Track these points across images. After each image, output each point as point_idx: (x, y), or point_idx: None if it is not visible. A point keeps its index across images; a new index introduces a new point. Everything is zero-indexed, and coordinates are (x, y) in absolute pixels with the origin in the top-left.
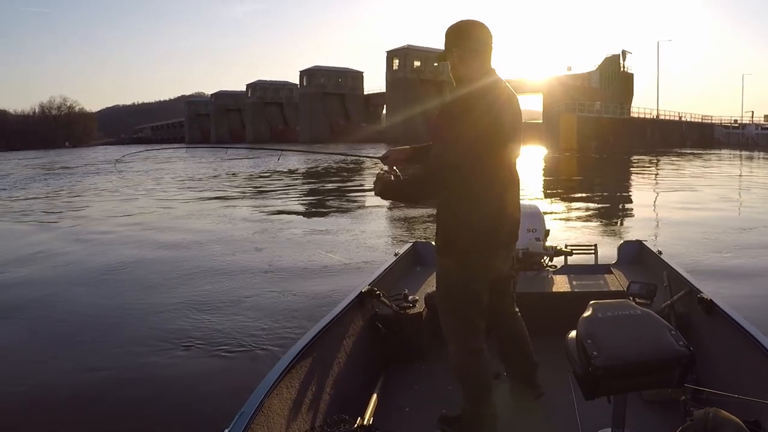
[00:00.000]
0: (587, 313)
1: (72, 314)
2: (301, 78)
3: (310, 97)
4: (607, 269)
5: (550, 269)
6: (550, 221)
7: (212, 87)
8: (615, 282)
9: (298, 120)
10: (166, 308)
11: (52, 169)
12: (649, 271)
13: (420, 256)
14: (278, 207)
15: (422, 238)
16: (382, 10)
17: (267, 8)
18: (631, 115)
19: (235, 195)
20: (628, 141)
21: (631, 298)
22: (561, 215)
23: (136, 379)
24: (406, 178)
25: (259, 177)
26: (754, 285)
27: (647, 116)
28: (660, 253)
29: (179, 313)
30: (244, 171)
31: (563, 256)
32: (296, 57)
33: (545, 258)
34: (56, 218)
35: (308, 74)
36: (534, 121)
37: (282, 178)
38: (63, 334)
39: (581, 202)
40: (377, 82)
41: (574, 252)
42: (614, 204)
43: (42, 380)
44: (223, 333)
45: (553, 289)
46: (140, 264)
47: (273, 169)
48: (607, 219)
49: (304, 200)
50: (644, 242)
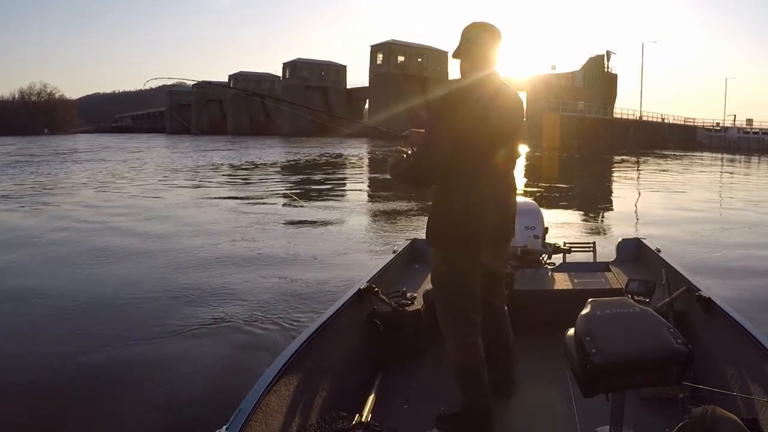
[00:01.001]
0: (586, 311)
1: (58, 304)
2: (283, 70)
3: (292, 89)
4: (605, 267)
5: (549, 267)
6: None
7: (194, 77)
8: (613, 280)
9: (280, 112)
10: (164, 297)
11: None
12: (647, 269)
13: (418, 253)
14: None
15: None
16: (366, 4)
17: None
18: (614, 115)
19: (212, 185)
20: (610, 141)
21: (630, 296)
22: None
23: (129, 374)
24: (407, 163)
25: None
26: (743, 279)
27: (630, 117)
28: (658, 250)
29: (179, 302)
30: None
31: (562, 254)
32: (279, 49)
33: (544, 255)
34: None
35: (291, 66)
36: None
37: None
38: (56, 321)
39: (564, 201)
40: (360, 77)
41: (573, 249)
42: (596, 201)
43: (34, 370)
44: (223, 322)
45: (552, 287)
46: (129, 253)
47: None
48: (588, 215)
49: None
50: (643, 240)
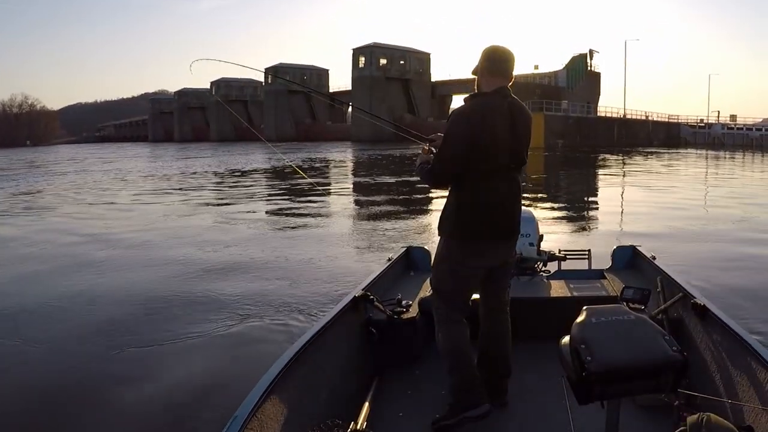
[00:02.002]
0: (581, 318)
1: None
2: (266, 75)
3: (275, 94)
4: (600, 274)
5: (544, 274)
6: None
7: (176, 84)
8: (609, 287)
9: (263, 118)
10: (155, 305)
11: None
12: (642, 276)
13: (413, 261)
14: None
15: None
16: (346, 6)
17: (231, 4)
18: (598, 114)
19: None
20: (594, 140)
21: (625, 303)
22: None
23: (121, 382)
24: (428, 165)
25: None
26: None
27: (614, 115)
28: (654, 258)
29: (169, 310)
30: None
31: (557, 261)
32: (261, 54)
33: (539, 263)
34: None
35: (273, 71)
36: None
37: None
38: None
39: (548, 202)
40: (343, 80)
41: (568, 257)
42: (580, 202)
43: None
44: (217, 330)
45: (547, 294)
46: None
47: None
48: (572, 216)
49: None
50: (638, 247)
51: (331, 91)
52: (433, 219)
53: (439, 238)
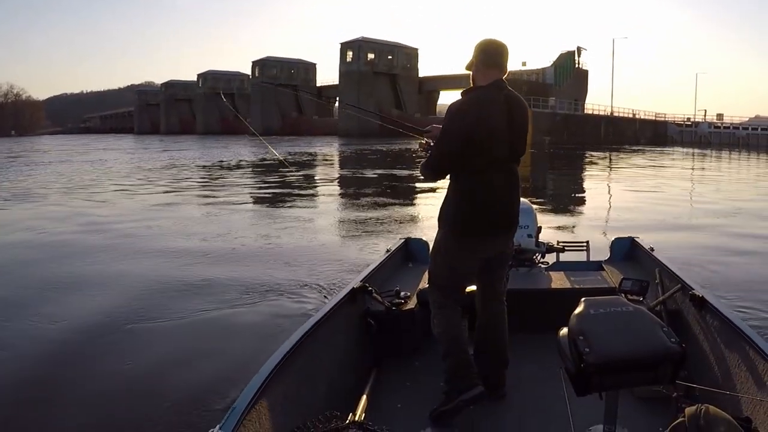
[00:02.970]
0: (579, 310)
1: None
2: (253, 68)
3: (262, 88)
4: (599, 266)
5: (543, 266)
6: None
7: (163, 76)
8: (607, 278)
9: (250, 111)
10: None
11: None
12: (641, 268)
13: (411, 253)
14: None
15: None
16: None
17: None
18: (586, 111)
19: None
20: (581, 137)
21: (623, 295)
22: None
23: (116, 375)
24: (427, 156)
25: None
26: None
27: (601, 113)
28: (652, 249)
29: (166, 295)
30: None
31: (555, 253)
32: (249, 47)
33: (537, 254)
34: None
35: (260, 65)
36: None
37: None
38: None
39: (536, 198)
40: (330, 74)
41: (566, 248)
42: (568, 197)
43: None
44: (213, 321)
45: (545, 286)
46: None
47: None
48: (559, 211)
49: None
50: (636, 239)
51: (318, 85)
52: (421, 209)
53: (438, 229)
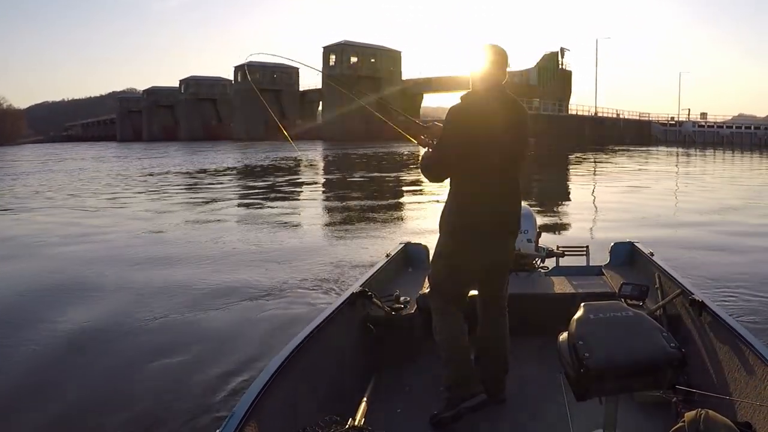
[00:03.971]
0: (579, 315)
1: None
2: (235, 74)
3: (244, 93)
4: (598, 270)
5: (542, 270)
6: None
7: (144, 83)
8: (607, 283)
9: (233, 117)
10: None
11: None
12: (640, 273)
13: (411, 258)
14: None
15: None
16: (316, 3)
17: (201, 1)
18: (570, 112)
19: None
20: (566, 138)
21: (623, 300)
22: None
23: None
24: (427, 159)
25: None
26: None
27: (585, 114)
28: (652, 254)
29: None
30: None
31: (555, 258)
32: (230, 52)
33: (537, 259)
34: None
35: (243, 69)
36: None
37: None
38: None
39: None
40: (313, 78)
41: (566, 253)
42: (552, 199)
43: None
44: (208, 330)
45: (545, 291)
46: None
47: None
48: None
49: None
50: (636, 243)
51: (301, 89)
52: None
53: (439, 235)
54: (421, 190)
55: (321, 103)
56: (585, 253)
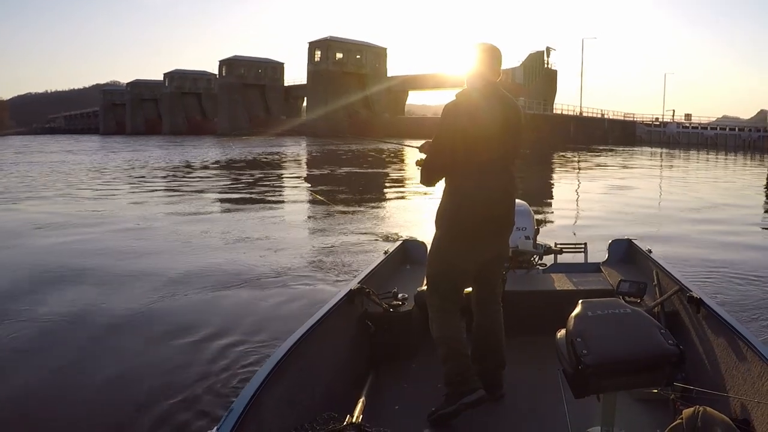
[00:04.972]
0: (577, 312)
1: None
2: (220, 68)
3: (229, 87)
4: (596, 267)
5: (540, 267)
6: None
7: (128, 76)
8: (605, 280)
9: (217, 111)
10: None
11: None
12: (638, 270)
13: (409, 255)
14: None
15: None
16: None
17: None
18: (555, 111)
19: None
20: (551, 137)
21: (621, 297)
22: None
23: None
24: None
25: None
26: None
27: (570, 113)
28: (650, 251)
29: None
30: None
31: (553, 255)
32: (215, 46)
33: (535, 256)
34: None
35: (227, 64)
36: None
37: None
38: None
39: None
40: (298, 74)
41: (564, 250)
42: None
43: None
44: (204, 326)
45: (543, 288)
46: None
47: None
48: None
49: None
50: (634, 240)
51: (286, 84)
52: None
53: (435, 231)
54: (403, 184)
55: (306, 99)
56: (583, 250)
